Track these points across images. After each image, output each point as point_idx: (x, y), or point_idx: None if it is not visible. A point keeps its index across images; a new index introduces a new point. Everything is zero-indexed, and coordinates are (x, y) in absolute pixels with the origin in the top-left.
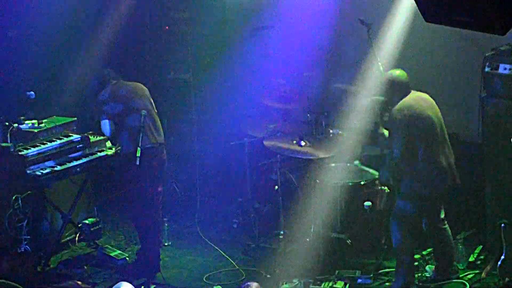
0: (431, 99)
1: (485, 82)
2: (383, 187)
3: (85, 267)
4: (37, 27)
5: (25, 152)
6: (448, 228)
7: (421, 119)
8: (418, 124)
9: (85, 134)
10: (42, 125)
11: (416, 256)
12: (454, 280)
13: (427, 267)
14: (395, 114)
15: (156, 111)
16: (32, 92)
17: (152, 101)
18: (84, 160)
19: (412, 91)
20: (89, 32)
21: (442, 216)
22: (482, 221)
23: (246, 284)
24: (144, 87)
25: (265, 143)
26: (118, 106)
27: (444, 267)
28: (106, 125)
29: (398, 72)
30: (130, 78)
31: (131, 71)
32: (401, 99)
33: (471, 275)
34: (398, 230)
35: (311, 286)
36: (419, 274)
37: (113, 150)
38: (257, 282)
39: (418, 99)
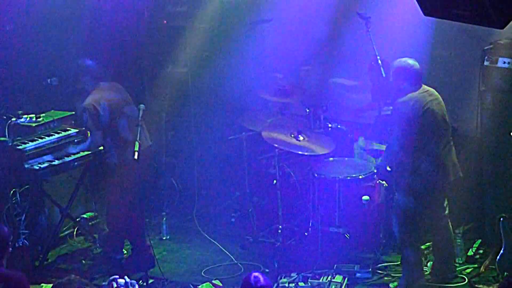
0: (437, 94)
1: (484, 76)
2: (381, 181)
3: (83, 262)
4: (35, 21)
5: (23, 146)
6: (450, 226)
7: (426, 113)
8: (422, 118)
9: (83, 128)
10: (40, 119)
11: None
12: (454, 282)
13: (429, 264)
14: (399, 106)
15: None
16: (54, 78)
17: None
18: (82, 154)
19: (424, 86)
20: (87, 27)
21: (446, 212)
22: (481, 215)
23: (255, 276)
24: None
25: (264, 137)
26: (116, 95)
27: (442, 265)
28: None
29: (411, 61)
30: (128, 72)
31: (129, 65)
32: (410, 90)
33: (469, 270)
34: (398, 225)
35: (309, 280)
36: None
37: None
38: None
39: (424, 93)
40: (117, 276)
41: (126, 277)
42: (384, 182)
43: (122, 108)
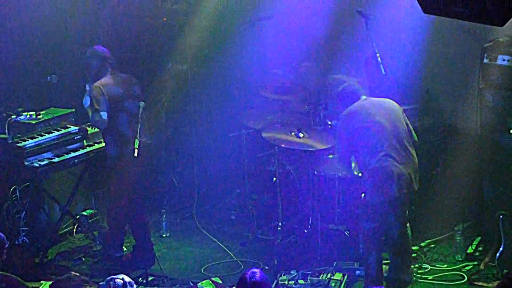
0: (390, 105)
1: (484, 73)
2: None
3: (83, 259)
4: (36, 19)
5: (23, 143)
6: (410, 232)
7: (368, 125)
8: (364, 131)
9: (83, 126)
10: (40, 116)
11: (414, 248)
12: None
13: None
14: (340, 120)
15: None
16: (54, 75)
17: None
18: (82, 151)
19: (364, 98)
20: (87, 24)
21: (407, 225)
22: (480, 212)
23: (252, 272)
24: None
25: (263, 134)
26: (118, 89)
27: (399, 269)
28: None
29: (343, 85)
30: (128, 69)
31: (129, 62)
32: (351, 104)
33: (469, 267)
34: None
35: (309, 277)
36: (417, 266)
37: None
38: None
39: (368, 105)
40: (115, 276)
41: (124, 276)
42: None
43: (123, 103)
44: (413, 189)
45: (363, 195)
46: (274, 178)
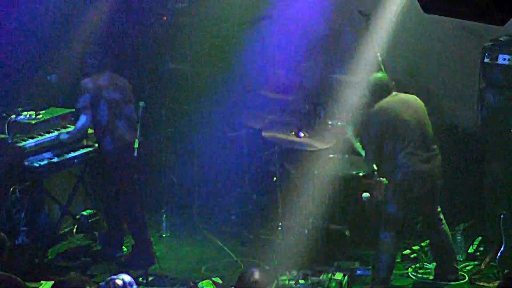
0: (416, 102)
1: (484, 73)
2: (381, 178)
3: (83, 259)
4: (35, 18)
5: (22, 143)
6: (447, 228)
7: (396, 124)
8: (392, 130)
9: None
10: (40, 116)
11: (415, 248)
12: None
13: (430, 265)
14: (370, 117)
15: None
16: (54, 75)
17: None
18: (81, 151)
19: (395, 93)
20: (87, 23)
21: (441, 216)
22: (481, 212)
23: (250, 271)
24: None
25: (264, 134)
26: (116, 94)
27: (443, 267)
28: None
29: (377, 75)
30: (127, 69)
31: (129, 62)
32: (379, 101)
33: (470, 267)
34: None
35: (310, 277)
36: (417, 265)
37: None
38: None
39: (397, 103)
40: (115, 276)
41: (124, 276)
42: (384, 179)
43: (122, 108)
44: (438, 185)
45: (366, 195)
46: (274, 178)
